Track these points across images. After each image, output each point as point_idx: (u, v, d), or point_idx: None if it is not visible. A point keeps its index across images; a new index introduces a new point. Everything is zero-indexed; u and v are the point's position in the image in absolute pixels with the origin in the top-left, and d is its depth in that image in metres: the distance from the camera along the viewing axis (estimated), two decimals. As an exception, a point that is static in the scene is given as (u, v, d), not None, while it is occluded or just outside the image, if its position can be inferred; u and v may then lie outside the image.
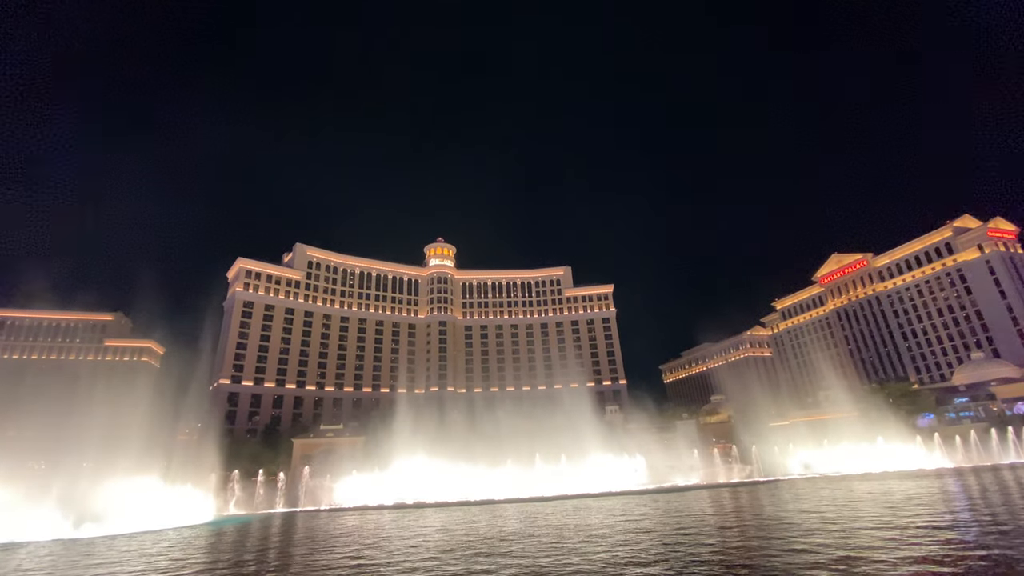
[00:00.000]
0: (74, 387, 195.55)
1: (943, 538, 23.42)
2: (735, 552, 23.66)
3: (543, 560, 23.83)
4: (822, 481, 76.24)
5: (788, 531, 28.86)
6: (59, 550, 39.56)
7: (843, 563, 19.42)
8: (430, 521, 48.26)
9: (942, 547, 21.44)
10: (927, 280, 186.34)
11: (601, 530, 33.75)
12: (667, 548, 25.23)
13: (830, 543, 23.72)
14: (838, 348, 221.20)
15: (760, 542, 25.87)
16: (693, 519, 37.40)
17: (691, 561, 21.74)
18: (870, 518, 31.64)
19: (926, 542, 22.58)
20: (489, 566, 23.25)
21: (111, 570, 28.80)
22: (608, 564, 22.04)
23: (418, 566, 24.63)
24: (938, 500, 39.25)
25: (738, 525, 33.50)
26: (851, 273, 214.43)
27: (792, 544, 24.15)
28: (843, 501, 42.54)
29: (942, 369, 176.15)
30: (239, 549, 37.68)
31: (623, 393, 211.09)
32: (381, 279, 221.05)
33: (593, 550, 25.86)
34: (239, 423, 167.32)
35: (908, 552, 20.73)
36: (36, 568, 31.25)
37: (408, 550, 30.14)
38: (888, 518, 31.08)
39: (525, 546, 28.60)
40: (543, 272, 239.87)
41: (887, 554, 20.67)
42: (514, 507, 59.96)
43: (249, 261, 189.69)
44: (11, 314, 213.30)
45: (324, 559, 29.12)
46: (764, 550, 23.43)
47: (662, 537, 29.45)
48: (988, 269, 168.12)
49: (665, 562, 21.88)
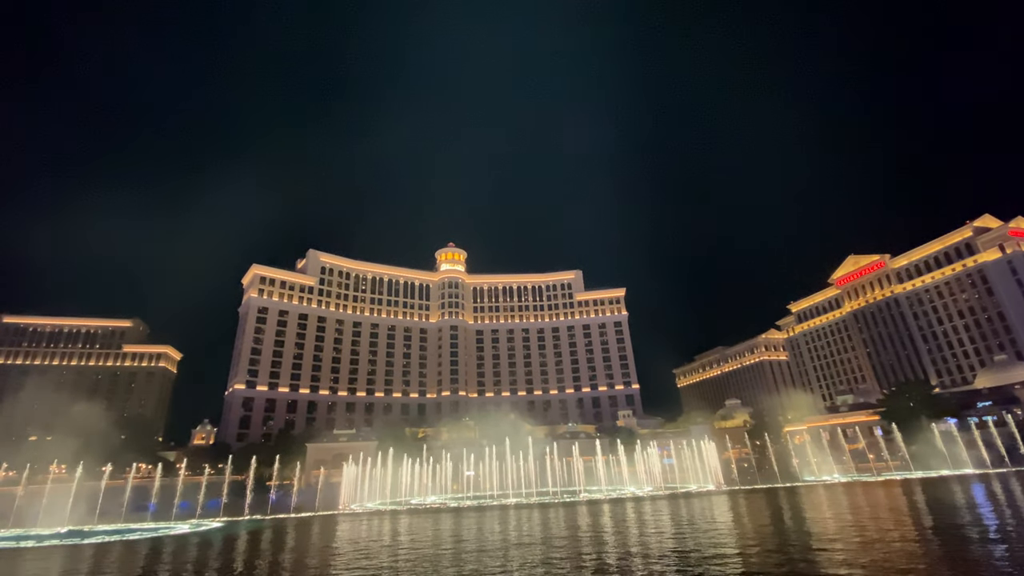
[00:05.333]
0: (94, 391, 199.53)
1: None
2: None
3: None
4: (841, 486, 74.60)
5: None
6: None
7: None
8: (446, 526, 48.07)
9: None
10: (947, 281, 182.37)
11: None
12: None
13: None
14: (856, 351, 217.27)
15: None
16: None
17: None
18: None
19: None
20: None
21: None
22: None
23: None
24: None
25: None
26: (868, 275, 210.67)
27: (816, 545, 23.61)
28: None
29: (964, 372, 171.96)
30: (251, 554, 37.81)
31: (636, 398, 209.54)
32: (393, 284, 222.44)
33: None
34: (254, 427, 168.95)
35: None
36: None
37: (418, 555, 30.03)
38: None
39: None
40: (554, 276, 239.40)
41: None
42: (544, 511, 59.55)
43: (263, 267, 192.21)
44: (33, 321, 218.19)
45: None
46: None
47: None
48: (1010, 269, 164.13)
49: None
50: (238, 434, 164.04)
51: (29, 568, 33.03)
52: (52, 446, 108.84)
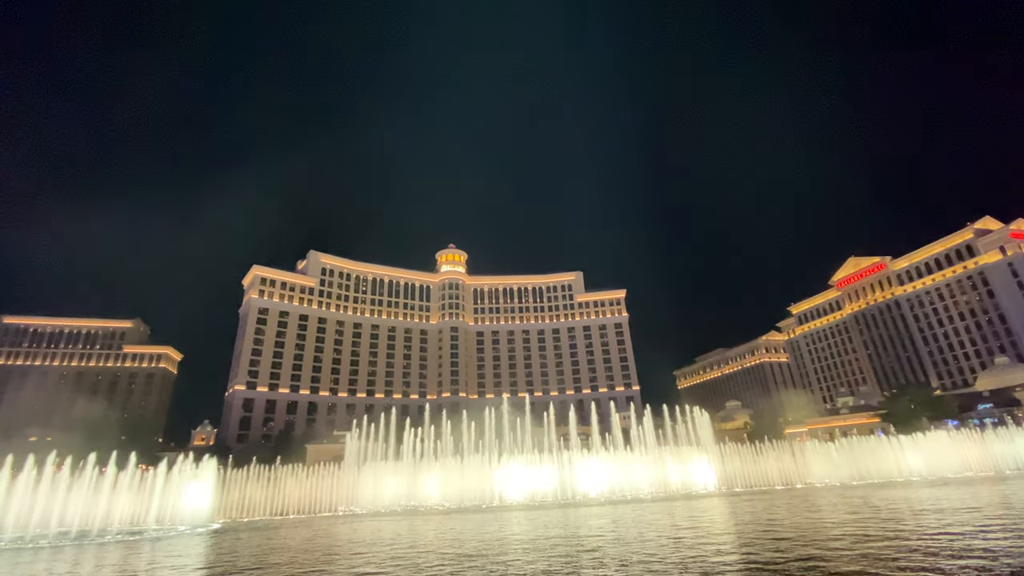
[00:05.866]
0: (95, 392, 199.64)
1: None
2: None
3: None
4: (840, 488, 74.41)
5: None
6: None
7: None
8: (452, 525, 47.95)
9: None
10: (948, 283, 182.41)
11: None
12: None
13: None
14: (857, 353, 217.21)
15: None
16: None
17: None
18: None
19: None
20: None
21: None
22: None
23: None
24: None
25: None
26: (869, 276, 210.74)
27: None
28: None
29: (965, 374, 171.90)
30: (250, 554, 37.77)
31: (636, 399, 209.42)
32: (393, 285, 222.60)
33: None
34: (254, 428, 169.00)
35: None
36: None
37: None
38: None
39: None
40: (554, 277, 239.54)
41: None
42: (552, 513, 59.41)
43: (264, 268, 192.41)
44: (33, 321, 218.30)
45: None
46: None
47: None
48: (1011, 272, 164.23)
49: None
50: (238, 435, 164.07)
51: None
52: (52, 447, 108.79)
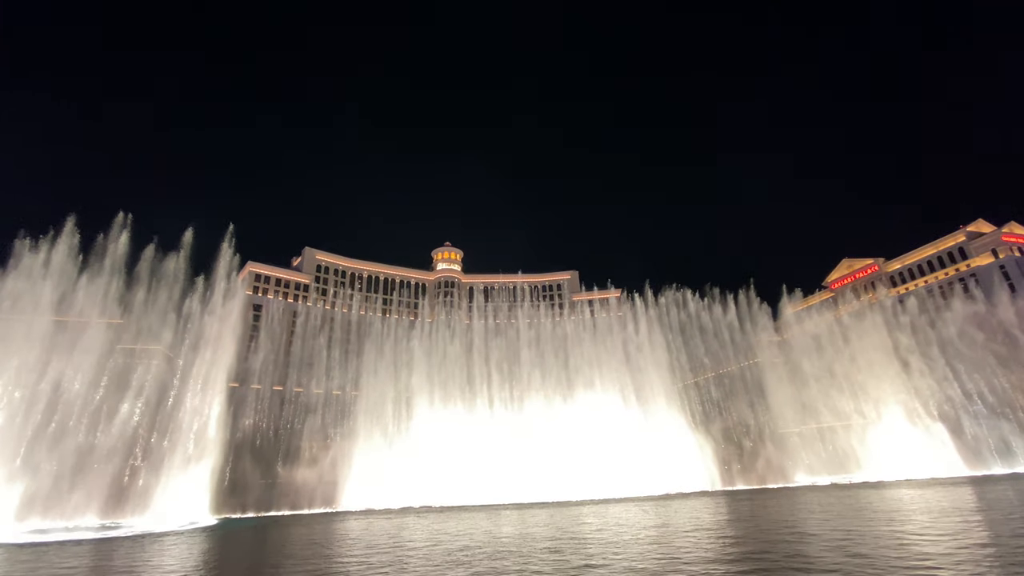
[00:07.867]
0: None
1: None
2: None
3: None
4: (835, 488, 75.14)
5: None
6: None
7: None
8: (440, 525, 47.94)
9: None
10: (940, 285, 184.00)
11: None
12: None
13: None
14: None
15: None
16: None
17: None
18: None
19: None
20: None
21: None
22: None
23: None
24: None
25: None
26: (862, 278, 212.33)
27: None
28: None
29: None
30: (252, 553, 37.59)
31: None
32: (389, 283, 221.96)
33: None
34: (247, 426, 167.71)
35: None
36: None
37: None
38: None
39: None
40: (549, 276, 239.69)
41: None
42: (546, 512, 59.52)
43: (258, 265, 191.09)
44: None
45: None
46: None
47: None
48: (1003, 274, 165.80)
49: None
50: (230, 433, 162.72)
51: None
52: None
